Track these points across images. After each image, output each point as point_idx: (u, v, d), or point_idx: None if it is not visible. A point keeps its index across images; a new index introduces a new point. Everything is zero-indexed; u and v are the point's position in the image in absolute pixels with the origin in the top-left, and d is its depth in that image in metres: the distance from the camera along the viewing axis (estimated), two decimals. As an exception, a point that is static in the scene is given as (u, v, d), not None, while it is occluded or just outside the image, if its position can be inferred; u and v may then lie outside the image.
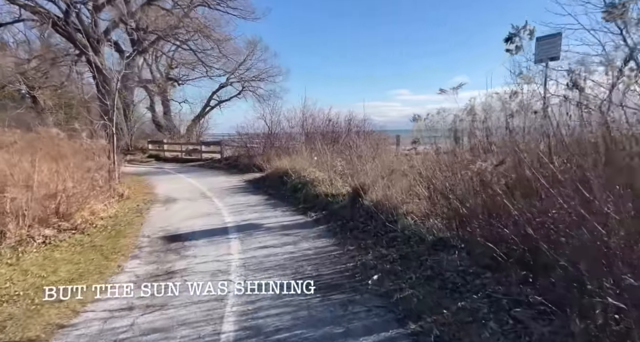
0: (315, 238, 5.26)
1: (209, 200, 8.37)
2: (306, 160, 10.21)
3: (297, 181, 8.79)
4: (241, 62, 29.15)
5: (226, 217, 6.61)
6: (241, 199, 8.37)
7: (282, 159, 11.09)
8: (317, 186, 7.67)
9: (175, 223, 6.21)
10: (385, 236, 4.89)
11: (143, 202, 8.06)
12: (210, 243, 5.11)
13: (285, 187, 9.11)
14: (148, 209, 7.31)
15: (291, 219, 6.44)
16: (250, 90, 30.61)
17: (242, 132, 16.03)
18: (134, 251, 4.77)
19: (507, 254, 3.31)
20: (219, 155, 16.66)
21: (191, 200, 8.41)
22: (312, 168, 9.29)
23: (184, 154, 18.87)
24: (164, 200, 8.44)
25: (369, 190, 6.15)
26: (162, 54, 28.45)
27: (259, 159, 12.41)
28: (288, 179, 9.26)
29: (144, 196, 8.76)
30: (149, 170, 15.16)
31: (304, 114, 12.70)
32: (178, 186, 10.49)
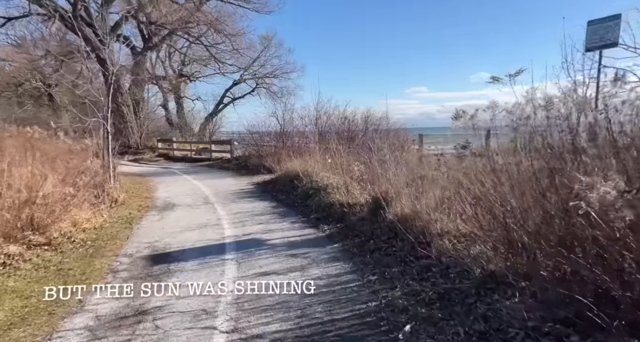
0: (328, 261, 4.30)
1: (211, 207, 7.52)
2: (319, 162, 9.27)
3: (309, 186, 7.85)
4: (255, 59, 28.37)
5: (226, 230, 5.72)
6: (246, 206, 7.49)
7: (294, 160, 10.17)
8: (331, 193, 6.71)
9: (167, 237, 5.36)
10: (415, 263, 3.90)
11: (138, 208, 7.26)
12: (201, 266, 4.22)
13: (296, 193, 8.19)
14: (141, 218, 6.49)
15: (300, 233, 5.50)
16: (264, 88, 29.85)
17: (252, 130, 15.21)
18: (107, 276, 3.91)
19: (601, 305, 2.29)
20: (229, 154, 15.88)
21: (191, 207, 7.58)
22: (325, 171, 8.33)
23: (193, 153, 18.19)
24: (162, 206, 7.63)
25: (393, 201, 5.15)
26: (175, 51, 27.93)
27: (269, 160, 11.52)
28: (299, 184, 8.34)
29: (141, 201, 7.98)
30: (155, 170, 14.49)
31: (317, 110, 11.68)
32: (181, 189, 9.70)
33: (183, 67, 29.13)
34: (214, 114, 28.78)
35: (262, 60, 28.84)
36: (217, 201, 8.16)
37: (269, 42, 29.48)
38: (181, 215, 6.81)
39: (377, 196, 5.51)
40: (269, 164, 11.15)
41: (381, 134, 14.03)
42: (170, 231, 5.69)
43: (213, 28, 22.16)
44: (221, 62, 27.07)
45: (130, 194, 8.62)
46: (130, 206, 7.38)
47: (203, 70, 29.74)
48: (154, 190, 9.59)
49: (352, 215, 5.80)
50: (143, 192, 9.14)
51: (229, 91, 29.98)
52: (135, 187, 9.58)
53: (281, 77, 29.74)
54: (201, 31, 23.60)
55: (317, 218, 6.23)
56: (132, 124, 20.31)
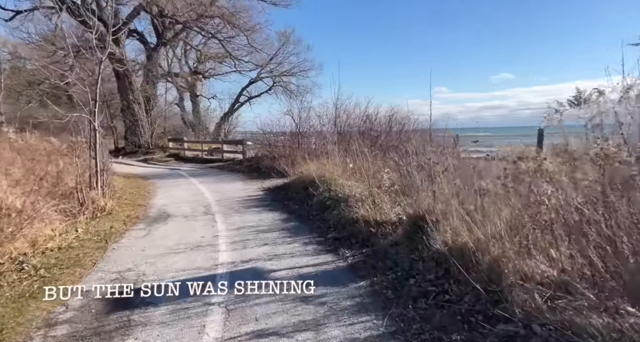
0: (353, 313, 3.02)
1: (211, 219, 6.35)
2: (339, 166, 7.99)
3: (327, 195, 6.59)
4: (272, 56, 27.36)
5: (222, 254, 4.52)
6: (252, 219, 6.28)
7: (309, 164, 8.93)
8: (354, 207, 5.41)
9: (144, 264, 4.19)
10: (488, 328, 2.58)
11: (124, 220, 6.17)
12: (175, 316, 3.01)
13: (311, 203, 6.95)
14: (122, 234, 5.37)
15: (315, 261, 4.24)
16: (281, 86, 28.81)
17: (265, 129, 14.07)
18: (35, 336, 2.74)
19: None
20: (241, 155, 14.79)
21: (188, 218, 6.43)
22: (346, 178, 7.06)
23: (204, 153, 17.20)
24: (154, 217, 6.52)
25: (440, 222, 3.84)
26: (191, 48, 27.16)
27: (282, 162, 10.29)
28: (315, 191, 7.09)
29: (131, 211, 6.89)
30: (161, 172, 13.53)
31: (337, 107, 10.37)
32: (182, 194, 8.60)
33: (199, 65, 28.39)
34: (230, 113, 27.92)
35: (280, 58, 27.82)
36: (220, 210, 6.99)
37: (286, 38, 28.40)
38: (172, 230, 5.66)
39: (416, 213, 4.20)
40: (281, 166, 9.94)
41: (408, 134, 12.69)
42: (151, 253, 4.52)
43: (228, 22, 21.14)
44: (237, 59, 26.15)
45: (123, 201, 7.56)
46: (116, 217, 6.29)
47: (219, 68, 28.95)
48: (152, 196, 8.52)
49: (381, 237, 4.50)
50: (138, 198, 8.08)
51: (246, 90, 29.09)
52: (132, 192, 8.54)
53: (299, 75, 28.66)
54: (217, 27, 22.67)
55: (336, 238, 4.96)
56: (143, 123, 19.51)
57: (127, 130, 20.08)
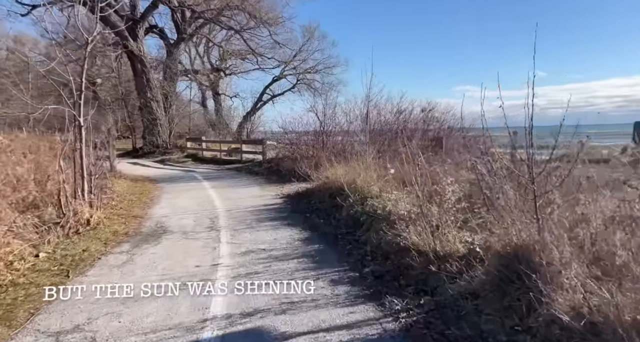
0: None
1: (215, 237, 5.07)
2: (372, 170, 6.56)
3: (360, 209, 5.18)
4: (296, 52, 26.20)
5: (216, 300, 3.19)
6: (265, 238, 4.95)
7: (336, 167, 7.54)
8: (399, 228, 3.96)
9: (102, 317, 2.91)
10: None
11: (107, 238, 4.97)
12: None
13: (339, 216, 5.58)
14: (94, 261, 4.13)
15: (349, 317, 2.84)
16: (305, 84, 27.59)
17: (287, 128, 12.79)
18: None
19: None
20: (261, 156, 13.57)
21: (187, 235, 5.17)
22: (381, 186, 5.62)
23: (223, 154, 16.11)
24: (147, 233, 5.30)
25: (554, 265, 2.35)
26: (213, 45, 26.36)
27: (304, 164, 8.91)
28: (344, 202, 5.71)
29: (122, 224, 5.72)
30: (175, 174, 12.49)
31: (369, 99, 8.86)
32: (189, 203, 7.40)
33: (221, 63, 27.59)
34: (252, 113, 26.96)
35: (304, 55, 26.65)
36: (228, 224, 5.72)
37: (311, 34, 27.15)
38: (162, 254, 4.40)
39: (508, 248, 2.72)
40: (303, 169, 8.55)
41: (453, 133, 11.09)
42: (120, 296, 3.24)
43: (250, 14, 20.01)
44: (260, 56, 25.13)
45: (116, 210, 6.43)
46: (100, 233, 5.11)
47: (241, 66, 28.06)
48: (154, 203, 7.37)
49: (447, 279, 3.04)
50: (136, 207, 6.93)
51: (269, 88, 28.07)
52: (131, 200, 7.42)
53: (323, 73, 27.37)
54: (240, 23, 21.64)
55: (377, 275, 3.54)
56: (162, 122, 18.68)
57: (144, 129, 19.35)
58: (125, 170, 12.53)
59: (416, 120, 11.44)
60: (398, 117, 11.40)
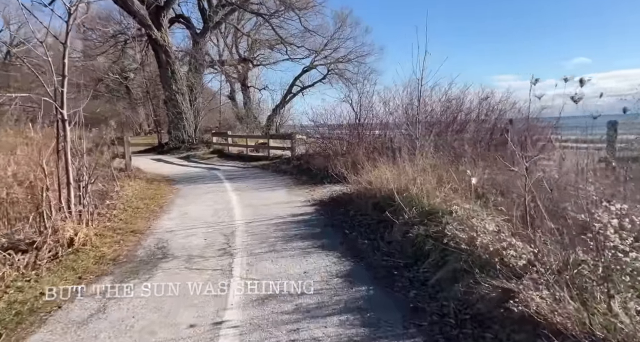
0: None
1: (226, 267, 3.80)
2: (429, 173, 5.06)
3: (423, 231, 3.74)
4: (327, 40, 24.69)
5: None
6: (292, 271, 3.63)
7: (381, 168, 6.09)
8: (502, 277, 2.49)
9: None
10: None
11: (88, 267, 3.81)
12: None
13: (391, 237, 4.19)
14: (47, 313, 2.93)
15: None
16: (337, 74, 26.06)
17: (318, 121, 11.42)
18: None
19: None
20: (289, 152, 12.31)
21: (191, 264, 3.93)
22: (441, 196, 4.12)
23: (250, 149, 14.99)
24: (141, 259, 4.11)
25: None
26: (242, 35, 25.29)
27: (339, 163, 7.50)
28: (395, 217, 4.28)
29: (115, 243, 4.56)
30: (197, 172, 11.45)
31: (421, 84, 7.22)
32: (203, 212, 6.20)
33: (250, 54, 26.55)
34: (282, 105, 25.80)
35: (335, 43, 25.11)
36: (245, 246, 4.44)
37: (343, 21, 25.52)
38: (146, 303, 3.14)
39: None
40: (337, 169, 7.13)
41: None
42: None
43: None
44: (290, 44, 23.84)
45: (114, 222, 5.32)
46: (81, 259, 3.97)
47: (270, 56, 26.91)
48: (163, 211, 6.23)
49: None
50: (141, 217, 5.80)
51: (298, 79, 26.77)
52: (137, 208, 6.32)
53: (356, 62, 25.71)
54: (269, 9, 20.38)
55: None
56: (187, 115, 17.80)
57: (170, 124, 18.57)
58: (145, 168, 11.66)
59: (470, 111, 9.72)
60: (448, 107, 9.74)
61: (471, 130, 9.32)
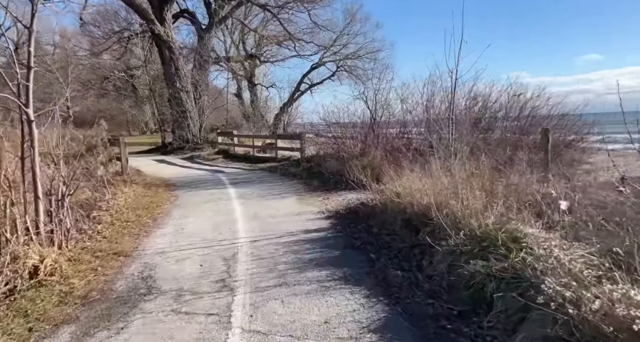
0: None
1: (224, 308, 2.95)
2: (476, 184, 4.14)
3: (482, 268, 2.81)
4: (337, 36, 23.79)
5: None
6: (309, 320, 2.76)
7: (409, 175, 5.18)
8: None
9: None
10: None
11: (46, 310, 2.99)
12: None
13: (431, 267, 3.30)
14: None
15: None
16: (346, 71, 25.12)
17: (329, 120, 10.55)
18: None
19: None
20: (298, 153, 11.43)
21: (180, 304, 3.09)
22: (495, 214, 3.19)
23: (256, 150, 14.15)
24: (118, 296, 3.27)
25: None
26: (249, 31, 24.44)
27: (356, 167, 6.57)
28: (436, 241, 3.39)
29: (91, 271, 3.74)
30: (199, 175, 10.63)
31: (456, 77, 6.21)
32: (202, 226, 5.37)
33: (257, 50, 25.71)
34: (290, 103, 24.96)
35: (345, 39, 24.17)
36: (250, 276, 3.59)
37: (352, 16, 24.57)
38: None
39: None
40: (356, 175, 6.20)
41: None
42: None
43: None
44: (298, 40, 22.91)
45: (95, 242, 4.50)
46: (41, 297, 3.15)
47: (278, 52, 26.04)
48: (157, 225, 5.41)
49: None
50: (129, 233, 4.97)
51: (306, 77, 25.90)
52: (126, 221, 5.49)
53: (366, 58, 24.71)
54: (277, 2, 19.48)
55: None
56: (192, 114, 17.02)
57: (173, 122, 17.81)
58: (146, 170, 10.90)
59: (499, 108, 8.74)
60: (475, 104, 8.77)
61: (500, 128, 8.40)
